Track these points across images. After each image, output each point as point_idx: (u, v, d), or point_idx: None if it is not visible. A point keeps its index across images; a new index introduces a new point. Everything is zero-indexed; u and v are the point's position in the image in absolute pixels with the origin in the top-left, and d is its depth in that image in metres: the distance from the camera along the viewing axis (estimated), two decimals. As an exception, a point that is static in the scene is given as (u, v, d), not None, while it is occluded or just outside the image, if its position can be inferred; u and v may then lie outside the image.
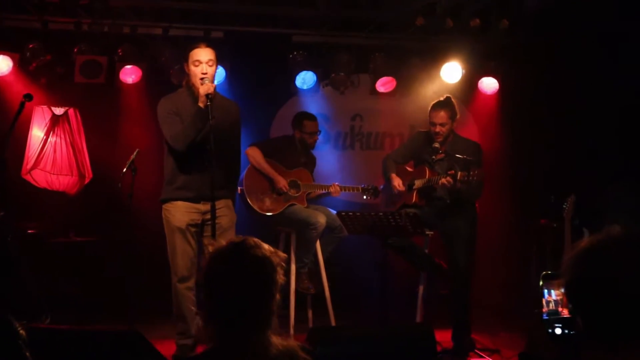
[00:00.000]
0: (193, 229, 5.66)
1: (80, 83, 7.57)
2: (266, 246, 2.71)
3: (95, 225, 7.57)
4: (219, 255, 2.68)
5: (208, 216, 5.50)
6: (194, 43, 5.65)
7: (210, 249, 2.71)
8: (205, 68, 5.54)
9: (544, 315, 4.67)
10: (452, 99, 6.70)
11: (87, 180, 7.36)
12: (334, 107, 8.63)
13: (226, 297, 2.62)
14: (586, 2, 7.25)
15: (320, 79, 8.28)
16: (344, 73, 8.25)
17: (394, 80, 8.30)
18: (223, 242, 2.75)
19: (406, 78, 8.31)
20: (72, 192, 7.30)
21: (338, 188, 7.21)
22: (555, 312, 5.03)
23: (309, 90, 8.30)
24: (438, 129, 6.58)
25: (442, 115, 6.57)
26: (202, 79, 5.52)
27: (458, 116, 6.70)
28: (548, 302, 4.64)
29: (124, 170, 5.85)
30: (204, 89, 5.44)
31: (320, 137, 7.54)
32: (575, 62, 7.89)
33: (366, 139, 8.82)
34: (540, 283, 4.60)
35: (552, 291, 4.59)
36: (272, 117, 8.49)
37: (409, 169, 6.95)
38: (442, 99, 6.69)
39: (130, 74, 7.76)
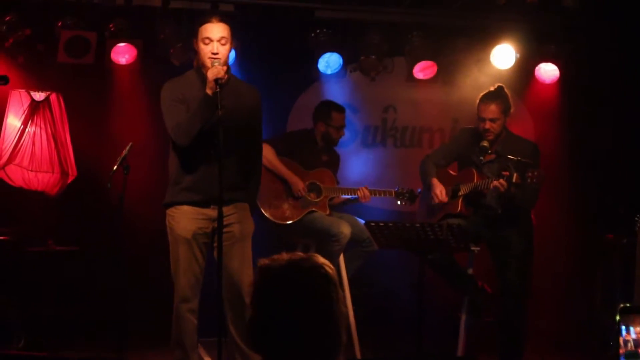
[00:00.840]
0: (202, 240, 5.56)
1: (65, 63, 7.51)
2: (328, 262, 2.64)
3: (79, 232, 7.50)
4: (273, 275, 2.59)
5: (221, 223, 5.43)
6: (205, 16, 5.58)
7: (259, 264, 2.62)
8: (217, 47, 5.46)
9: (622, 357, 4.57)
10: (505, 89, 6.64)
11: (70, 179, 7.29)
12: (363, 96, 8.54)
13: (284, 328, 2.54)
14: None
15: (347, 62, 8.19)
16: (376, 56, 8.14)
17: (435, 65, 8.19)
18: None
19: (449, 62, 8.19)
20: (52, 192, 7.23)
21: (367, 192, 7.14)
22: (635, 355, 4.92)
23: (333, 75, 8.21)
24: (488, 125, 6.52)
25: (493, 109, 6.51)
26: (211, 59, 5.46)
27: (512, 110, 6.65)
28: (626, 342, 4.53)
29: (115, 168, 5.79)
30: (212, 73, 5.37)
31: (345, 132, 7.48)
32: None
33: (401, 134, 8.72)
34: (617, 318, 4.50)
35: (632, 328, 4.48)
36: (290, 107, 8.42)
37: (452, 172, 6.89)
38: (492, 89, 6.64)
39: (123, 53, 7.69)
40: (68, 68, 7.58)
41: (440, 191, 6.71)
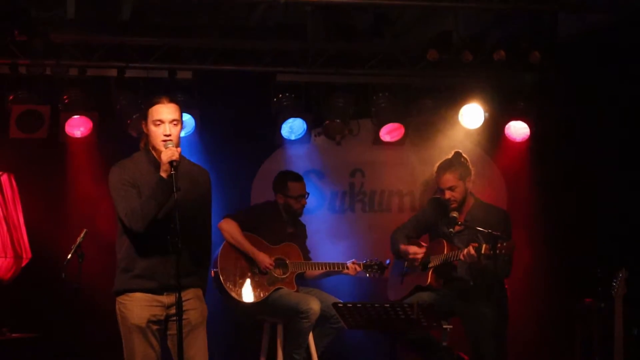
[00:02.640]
0: (155, 327, 5.49)
1: (17, 139, 7.50)
2: None
3: (35, 318, 7.37)
4: None
5: (173, 310, 5.35)
6: (153, 98, 5.53)
7: None
8: (169, 129, 5.41)
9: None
10: (462, 155, 6.70)
11: (24, 262, 7.22)
12: (329, 161, 8.56)
13: None
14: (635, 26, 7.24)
15: (312, 126, 8.20)
16: (341, 119, 8.19)
17: (402, 127, 8.23)
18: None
19: (417, 124, 8.24)
20: (6, 277, 7.15)
21: (359, 268, 7.12)
22: None
23: (297, 140, 8.21)
24: (448, 194, 6.59)
25: (448, 178, 6.60)
26: (164, 141, 5.41)
27: (472, 174, 6.70)
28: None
29: (69, 257, 5.70)
30: (166, 155, 5.31)
31: (312, 199, 7.45)
32: (625, 101, 7.81)
33: (369, 199, 8.71)
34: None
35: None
36: (253, 175, 8.41)
37: (423, 244, 6.85)
38: (448, 157, 6.73)
39: (78, 126, 7.68)
40: (20, 144, 7.57)
41: (413, 250, 6.70)
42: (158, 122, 5.42)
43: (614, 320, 6.39)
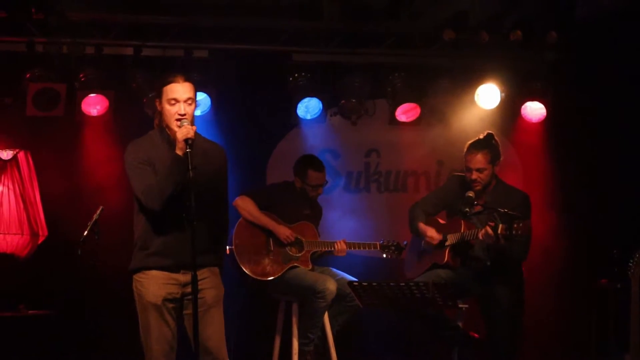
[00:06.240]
0: (171, 305, 5.45)
1: (33, 117, 7.46)
2: None
3: (51, 295, 7.38)
4: None
5: (189, 289, 5.31)
6: (168, 77, 5.45)
7: None
8: (184, 108, 5.35)
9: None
10: (495, 138, 6.55)
11: (40, 239, 7.25)
12: (344, 140, 8.51)
13: None
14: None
15: (327, 106, 8.16)
16: (356, 99, 8.12)
17: (418, 107, 8.15)
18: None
19: (433, 104, 8.17)
20: (22, 254, 7.18)
21: (344, 246, 7.04)
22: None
23: (313, 120, 8.15)
24: (475, 175, 6.45)
25: (479, 159, 6.44)
26: (179, 120, 5.35)
27: (501, 158, 6.55)
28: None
29: (85, 234, 5.68)
30: (182, 133, 5.26)
31: (327, 179, 7.38)
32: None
33: (384, 179, 8.67)
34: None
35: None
36: (268, 155, 8.38)
37: (440, 221, 6.80)
38: (481, 137, 6.56)
39: (94, 104, 7.64)
40: (37, 122, 7.54)
41: (431, 234, 6.61)
42: (173, 102, 5.36)
43: (631, 300, 6.33)
